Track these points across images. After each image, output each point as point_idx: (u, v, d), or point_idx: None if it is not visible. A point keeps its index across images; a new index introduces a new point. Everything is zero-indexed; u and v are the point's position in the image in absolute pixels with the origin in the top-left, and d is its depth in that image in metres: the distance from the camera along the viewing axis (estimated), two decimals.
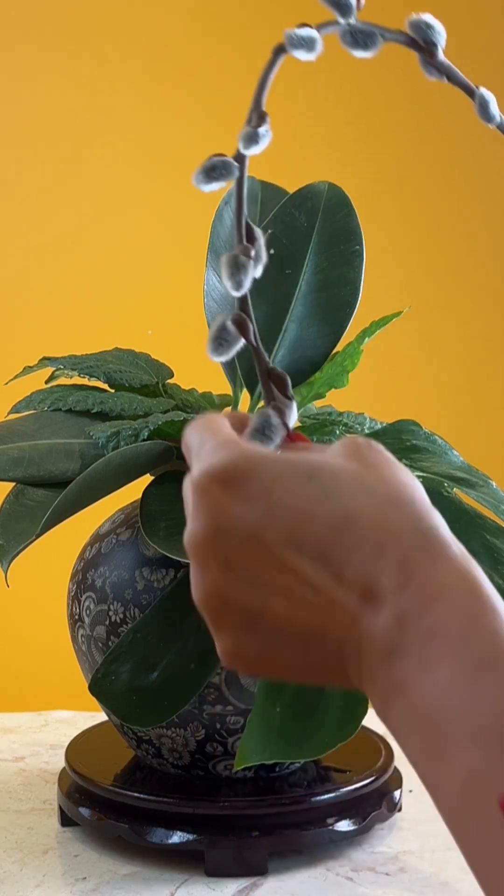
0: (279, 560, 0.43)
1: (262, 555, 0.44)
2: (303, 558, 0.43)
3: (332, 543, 0.43)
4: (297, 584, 0.43)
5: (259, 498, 0.44)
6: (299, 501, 0.43)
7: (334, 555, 0.43)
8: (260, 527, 0.44)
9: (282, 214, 1.01)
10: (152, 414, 0.94)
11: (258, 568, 0.44)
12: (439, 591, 0.41)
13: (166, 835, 0.92)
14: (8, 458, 0.91)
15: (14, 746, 1.19)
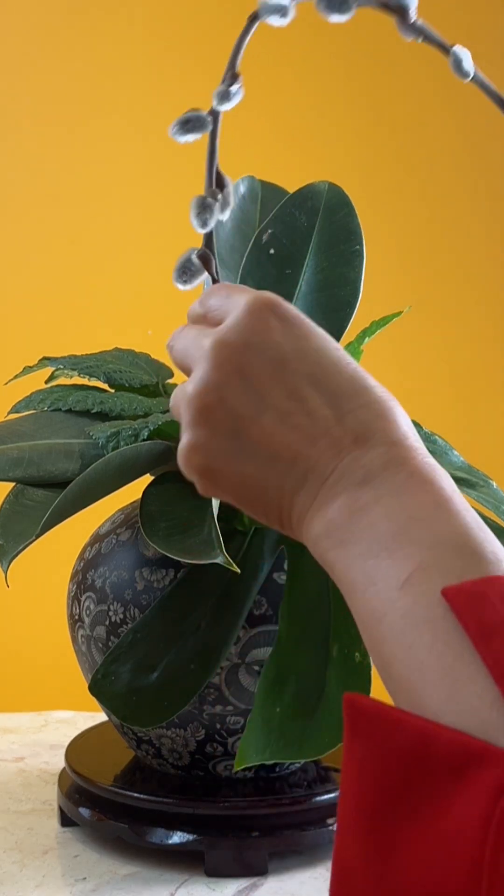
0: (293, 388, 0.50)
1: (279, 378, 0.50)
2: (315, 394, 0.50)
3: (347, 395, 0.50)
4: (298, 412, 0.49)
5: (302, 338, 0.51)
6: (332, 356, 0.51)
7: (346, 403, 0.50)
8: (291, 356, 0.50)
9: (282, 214, 1.01)
10: (152, 414, 0.94)
11: (269, 386, 0.50)
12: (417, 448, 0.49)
13: (166, 835, 0.92)
14: (8, 458, 0.91)
15: (14, 747, 1.19)
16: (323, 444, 0.49)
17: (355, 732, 0.43)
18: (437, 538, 0.45)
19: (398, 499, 0.47)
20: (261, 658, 0.91)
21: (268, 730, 0.86)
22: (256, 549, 0.93)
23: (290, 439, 0.49)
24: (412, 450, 0.49)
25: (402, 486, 0.47)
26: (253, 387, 0.50)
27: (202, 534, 0.85)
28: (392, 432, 0.49)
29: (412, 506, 0.46)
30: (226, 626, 0.90)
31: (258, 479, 0.51)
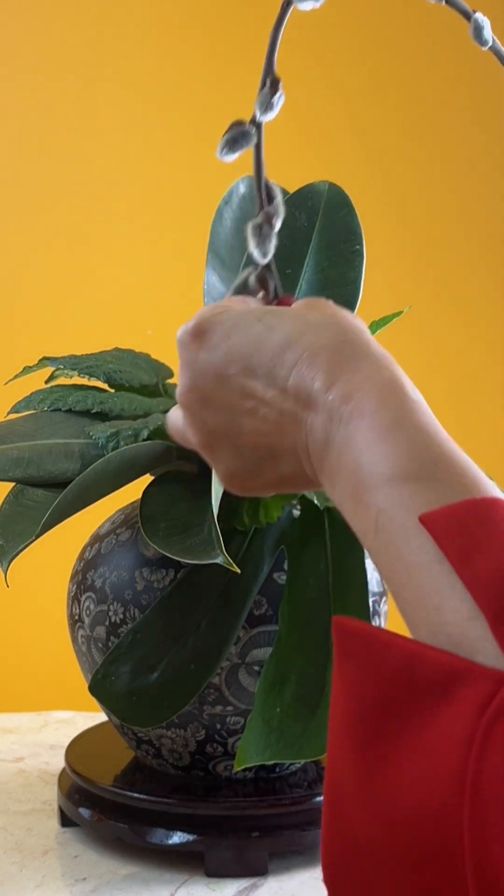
0: (240, 388, 0.53)
1: (227, 386, 0.54)
2: (257, 382, 0.53)
3: (276, 365, 0.52)
4: (258, 405, 0.53)
5: (220, 343, 0.54)
6: (250, 339, 0.53)
7: (279, 374, 0.52)
8: (222, 365, 0.54)
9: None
10: (152, 414, 0.94)
11: (227, 397, 0.54)
12: (358, 385, 0.50)
13: (166, 835, 0.92)
14: (8, 458, 0.91)
15: (14, 747, 1.19)
16: (287, 425, 0.52)
17: (344, 653, 0.44)
18: (386, 477, 0.47)
19: (350, 452, 0.48)
20: (261, 658, 0.91)
21: (268, 730, 0.86)
22: (256, 549, 0.93)
23: (269, 434, 0.53)
24: (344, 374, 0.50)
25: (348, 433, 0.49)
26: (220, 406, 0.55)
27: (202, 534, 0.85)
28: (322, 375, 0.50)
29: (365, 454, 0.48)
30: (226, 626, 0.90)
31: (281, 476, 0.55)
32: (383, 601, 0.98)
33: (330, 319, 0.53)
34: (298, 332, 0.52)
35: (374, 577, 0.96)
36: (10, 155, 1.90)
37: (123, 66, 1.91)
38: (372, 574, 0.96)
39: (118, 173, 1.87)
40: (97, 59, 1.90)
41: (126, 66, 1.91)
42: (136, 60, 1.91)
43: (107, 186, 1.87)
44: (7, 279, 1.90)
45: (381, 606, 0.97)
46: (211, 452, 0.57)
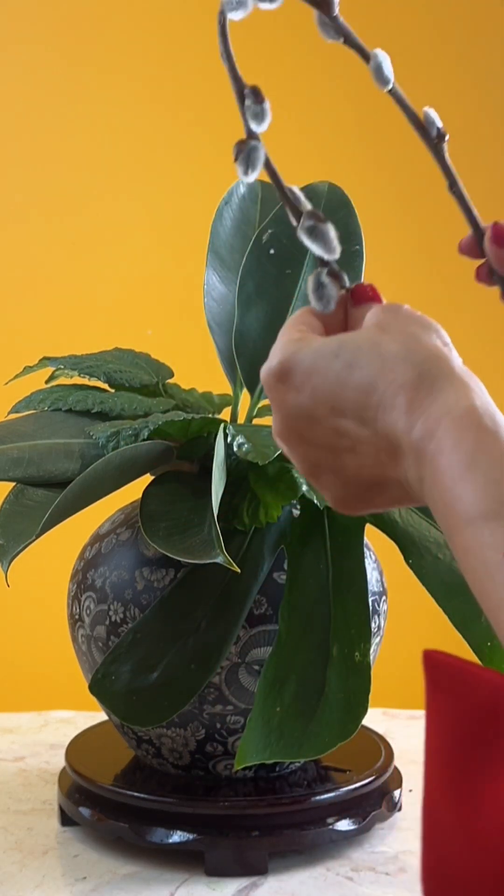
0: (333, 428, 0.54)
1: (321, 427, 0.54)
2: (348, 422, 0.54)
3: (363, 406, 0.53)
4: (355, 443, 0.54)
5: (304, 384, 0.55)
6: (332, 379, 0.54)
7: (368, 415, 0.53)
8: (311, 406, 0.54)
9: (282, 214, 1.01)
10: (152, 414, 0.94)
11: (324, 437, 0.55)
12: (437, 421, 0.50)
13: (166, 835, 0.92)
14: (8, 458, 0.91)
15: (14, 746, 1.19)
16: (385, 461, 0.53)
17: (434, 686, 0.46)
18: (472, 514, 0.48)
19: (438, 492, 0.50)
20: (261, 658, 0.91)
21: (268, 729, 0.86)
22: (256, 548, 0.93)
23: (371, 467, 0.54)
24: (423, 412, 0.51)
25: (434, 470, 0.50)
26: (314, 443, 0.55)
27: (202, 533, 0.85)
28: (404, 416, 0.51)
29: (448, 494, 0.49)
30: (226, 625, 0.90)
31: (390, 499, 0.56)
32: (383, 600, 0.98)
33: (403, 350, 0.53)
34: (377, 370, 0.53)
35: (373, 577, 0.97)
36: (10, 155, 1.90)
37: (124, 65, 1.91)
38: (372, 573, 0.96)
39: (118, 173, 1.87)
40: (98, 59, 1.90)
41: (127, 66, 1.91)
42: (137, 60, 1.92)
43: (107, 186, 1.87)
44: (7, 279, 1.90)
45: (381, 606, 0.97)
46: (316, 480, 0.57)
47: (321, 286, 0.60)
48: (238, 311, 1.00)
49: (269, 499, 0.91)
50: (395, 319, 0.55)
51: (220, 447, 0.87)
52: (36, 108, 1.90)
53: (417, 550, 0.92)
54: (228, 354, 1.01)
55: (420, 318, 0.56)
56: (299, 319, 0.59)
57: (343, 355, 0.54)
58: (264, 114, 0.64)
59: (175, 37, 1.92)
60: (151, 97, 1.89)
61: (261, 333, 1.00)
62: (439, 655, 0.47)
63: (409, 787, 1.07)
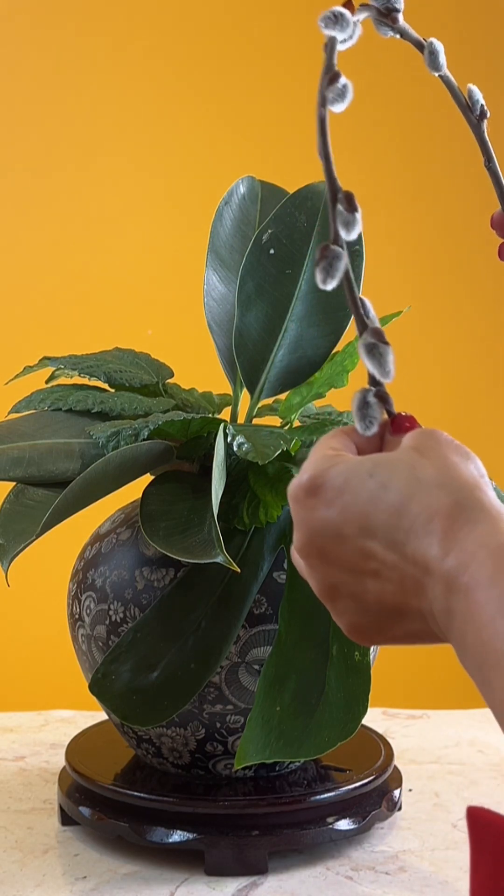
0: (360, 549, 0.53)
1: (347, 546, 0.53)
2: (376, 544, 0.52)
3: (394, 528, 0.52)
4: (381, 567, 0.52)
5: (334, 500, 0.53)
6: (364, 498, 0.53)
7: (398, 538, 0.51)
8: (339, 524, 0.53)
9: (282, 214, 1.01)
10: (152, 414, 0.95)
11: (348, 557, 0.53)
12: (472, 553, 0.49)
13: (166, 834, 0.92)
14: (8, 458, 0.91)
15: (14, 746, 1.19)
16: (410, 588, 0.52)
17: (479, 846, 0.47)
18: None
19: (472, 626, 0.49)
20: (261, 657, 0.91)
21: (268, 729, 0.87)
22: (256, 548, 0.93)
23: (393, 594, 0.53)
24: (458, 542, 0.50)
25: (467, 606, 0.49)
26: (342, 565, 0.54)
27: (202, 533, 0.85)
28: (438, 543, 0.50)
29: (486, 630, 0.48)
30: (226, 625, 0.90)
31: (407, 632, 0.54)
32: None
33: (441, 476, 0.53)
34: (411, 493, 0.52)
35: None
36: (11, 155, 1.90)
37: (125, 65, 1.91)
38: None
39: (119, 174, 1.87)
40: (98, 59, 1.90)
41: (127, 65, 1.91)
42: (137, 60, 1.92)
43: (107, 186, 1.87)
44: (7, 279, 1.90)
45: None
46: (332, 604, 0.56)
47: (367, 406, 0.58)
48: (238, 311, 1.00)
49: (269, 499, 0.91)
50: (434, 445, 0.55)
51: (220, 447, 0.87)
52: (36, 108, 1.90)
53: None
54: (228, 354, 1.01)
55: (459, 447, 0.55)
56: (334, 438, 0.58)
57: (378, 475, 0.53)
58: (355, 223, 0.62)
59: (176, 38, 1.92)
60: (152, 97, 1.89)
61: (261, 333, 1.00)
62: (484, 813, 0.47)
63: (409, 786, 1.07)
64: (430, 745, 1.19)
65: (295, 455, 0.92)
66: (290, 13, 1.98)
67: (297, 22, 1.98)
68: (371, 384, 0.59)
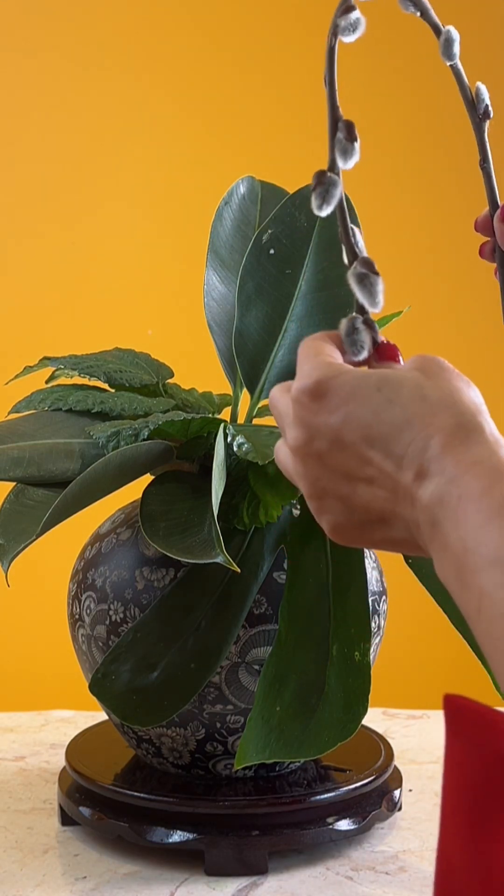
0: (359, 455, 0.55)
1: (346, 452, 0.55)
2: (375, 452, 0.54)
3: (395, 440, 0.54)
4: (377, 474, 0.54)
5: (339, 407, 0.55)
6: (369, 409, 0.55)
7: (397, 448, 0.54)
8: (341, 430, 0.55)
9: (282, 214, 1.01)
10: (152, 414, 0.95)
11: (345, 462, 0.55)
12: (467, 468, 0.52)
13: (166, 834, 0.92)
14: (8, 458, 0.91)
15: (14, 746, 1.19)
16: (401, 497, 0.54)
17: (453, 730, 0.48)
18: (489, 560, 0.49)
19: (457, 533, 0.51)
20: (261, 657, 0.91)
21: (268, 729, 0.87)
22: (256, 548, 0.93)
23: (383, 501, 0.55)
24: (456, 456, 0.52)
25: (456, 515, 0.51)
26: (336, 468, 0.56)
27: (202, 533, 0.85)
28: (437, 455, 0.53)
29: (471, 536, 0.50)
30: (226, 625, 0.90)
31: (389, 538, 0.56)
32: (383, 600, 0.98)
33: (447, 398, 0.55)
34: (416, 410, 0.54)
35: (373, 577, 0.97)
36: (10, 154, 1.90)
37: (124, 65, 1.91)
38: (371, 573, 0.96)
39: (118, 173, 1.87)
40: (98, 58, 1.90)
41: (127, 65, 1.91)
42: (137, 60, 1.92)
43: (107, 186, 1.87)
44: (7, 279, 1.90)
45: (381, 606, 0.97)
46: (318, 504, 0.58)
47: (356, 331, 0.60)
48: (238, 311, 1.00)
49: (269, 499, 0.92)
50: (439, 370, 0.57)
51: (220, 447, 0.87)
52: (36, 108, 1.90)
53: None
54: (228, 354, 1.01)
55: (461, 374, 0.57)
56: (326, 345, 0.59)
57: (385, 390, 0.55)
58: (353, 152, 0.64)
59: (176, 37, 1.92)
60: (152, 97, 1.89)
61: (260, 333, 1.00)
62: (460, 700, 0.47)
63: (409, 786, 1.07)
64: (430, 745, 1.19)
65: None
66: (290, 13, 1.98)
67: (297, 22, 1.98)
68: (358, 312, 0.61)
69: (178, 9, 1.92)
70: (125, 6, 1.91)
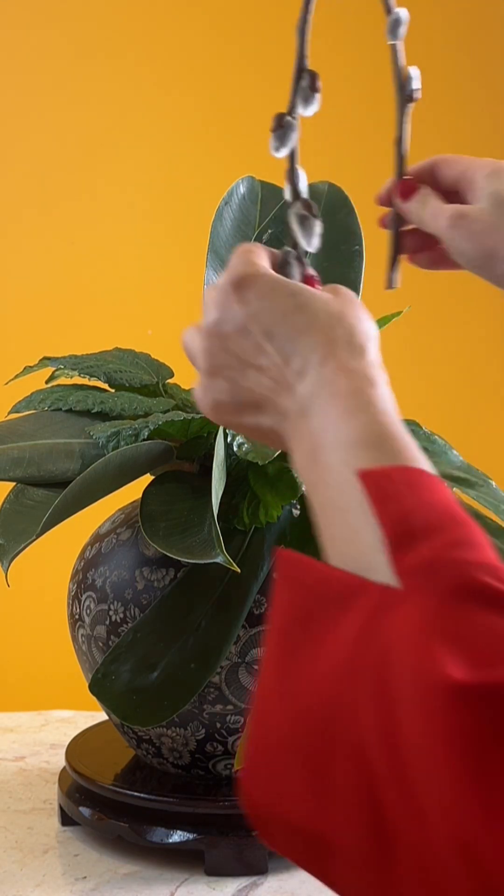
0: (257, 344, 0.62)
1: (247, 339, 0.62)
2: (272, 346, 0.61)
3: (291, 340, 0.61)
4: (268, 364, 0.61)
5: (253, 301, 0.62)
6: (279, 308, 0.62)
7: (292, 348, 0.61)
8: (249, 319, 0.62)
9: (282, 214, 1.01)
10: (152, 414, 0.95)
11: (244, 348, 0.62)
12: (345, 372, 0.59)
13: (166, 834, 0.92)
14: (8, 458, 0.91)
15: (14, 746, 1.19)
16: (282, 387, 0.61)
17: (278, 576, 0.56)
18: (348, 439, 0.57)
19: (320, 420, 0.58)
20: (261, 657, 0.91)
21: None
22: (256, 548, 0.93)
23: (266, 388, 0.62)
24: (337, 361, 0.60)
25: (323, 409, 0.59)
26: (232, 349, 0.62)
27: (202, 533, 0.85)
28: (320, 357, 0.60)
29: (332, 423, 0.58)
30: (226, 625, 0.90)
31: (257, 424, 0.63)
32: None
33: (346, 319, 0.62)
34: (317, 322, 0.61)
35: None
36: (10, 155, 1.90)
37: (124, 65, 1.91)
38: None
39: (118, 173, 1.87)
40: (98, 58, 1.90)
41: (127, 65, 1.91)
42: (137, 60, 1.92)
43: (107, 186, 1.87)
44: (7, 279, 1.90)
45: None
46: (209, 381, 0.64)
47: (287, 265, 0.67)
48: None
49: (269, 499, 0.92)
50: (350, 299, 0.64)
51: (220, 447, 0.87)
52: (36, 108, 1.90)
53: None
54: None
55: (366, 311, 0.64)
56: (262, 253, 0.67)
57: (298, 298, 0.62)
58: (314, 100, 0.70)
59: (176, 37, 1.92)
60: (152, 97, 1.89)
61: None
62: (288, 552, 0.56)
63: None
64: None
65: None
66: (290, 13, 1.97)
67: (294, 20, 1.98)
68: (291, 246, 0.68)
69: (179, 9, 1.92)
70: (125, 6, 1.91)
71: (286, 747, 0.51)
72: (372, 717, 0.48)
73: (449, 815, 0.45)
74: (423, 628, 0.48)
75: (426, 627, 0.48)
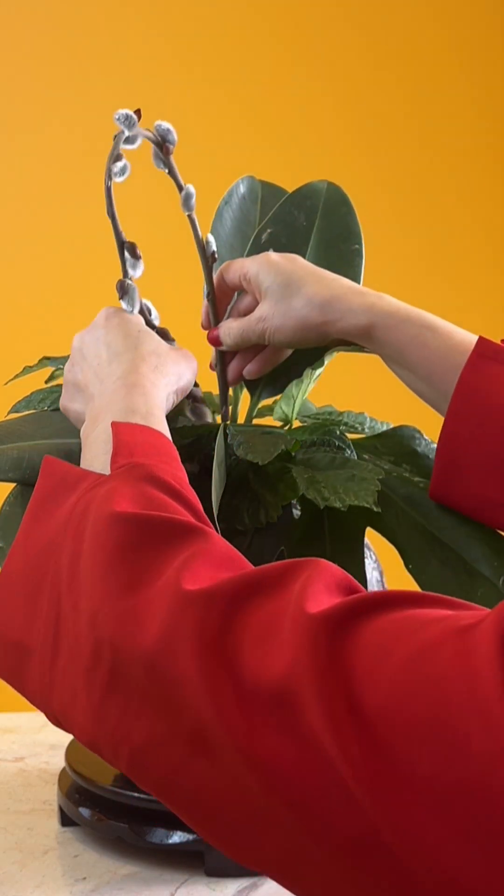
0: (82, 359, 0.87)
1: (77, 356, 0.88)
2: (88, 363, 0.87)
3: (119, 351, 0.86)
4: (85, 371, 0.86)
5: (92, 331, 0.90)
6: (122, 333, 0.88)
7: (99, 371, 0.85)
8: (83, 346, 0.89)
9: (281, 213, 1.01)
10: None
11: (78, 360, 0.88)
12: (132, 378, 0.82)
13: (166, 835, 0.92)
14: (8, 459, 0.91)
15: (14, 746, 1.19)
16: (91, 393, 0.84)
17: (40, 472, 0.75)
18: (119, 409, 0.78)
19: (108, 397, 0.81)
20: None
21: None
22: (256, 549, 0.93)
23: (90, 380, 0.85)
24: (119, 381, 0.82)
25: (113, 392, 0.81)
26: (74, 360, 0.89)
27: None
28: (119, 368, 0.83)
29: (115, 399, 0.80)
30: None
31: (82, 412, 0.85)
32: None
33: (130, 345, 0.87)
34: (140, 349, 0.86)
35: (373, 577, 0.97)
36: (10, 155, 1.90)
37: (125, 64, 1.91)
38: (371, 574, 0.96)
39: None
40: (98, 57, 1.90)
41: (128, 64, 1.91)
42: (137, 59, 1.92)
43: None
44: (7, 279, 1.90)
45: None
46: (69, 364, 0.89)
47: (128, 290, 0.98)
48: None
49: (269, 499, 0.91)
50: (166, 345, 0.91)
51: (220, 447, 0.87)
52: (35, 106, 1.90)
53: (417, 556, 0.92)
54: None
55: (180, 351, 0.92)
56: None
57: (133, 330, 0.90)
58: (139, 265, 1.01)
59: (177, 37, 1.92)
60: (152, 97, 1.89)
61: None
62: (52, 458, 0.75)
63: None
64: None
65: (295, 455, 0.92)
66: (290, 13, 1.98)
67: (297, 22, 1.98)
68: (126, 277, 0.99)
69: (179, 9, 1.92)
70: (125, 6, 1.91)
71: (17, 583, 0.70)
72: (69, 548, 0.66)
73: (91, 598, 0.62)
74: (114, 492, 0.67)
75: (116, 493, 0.67)
